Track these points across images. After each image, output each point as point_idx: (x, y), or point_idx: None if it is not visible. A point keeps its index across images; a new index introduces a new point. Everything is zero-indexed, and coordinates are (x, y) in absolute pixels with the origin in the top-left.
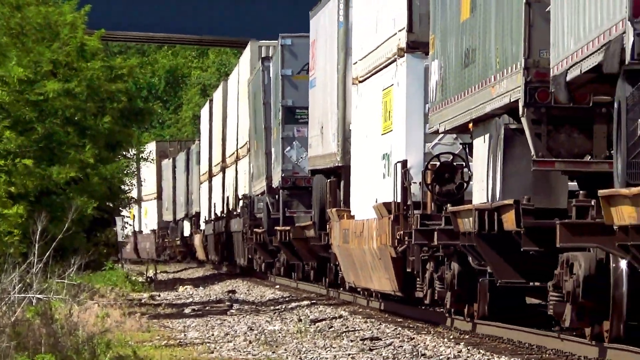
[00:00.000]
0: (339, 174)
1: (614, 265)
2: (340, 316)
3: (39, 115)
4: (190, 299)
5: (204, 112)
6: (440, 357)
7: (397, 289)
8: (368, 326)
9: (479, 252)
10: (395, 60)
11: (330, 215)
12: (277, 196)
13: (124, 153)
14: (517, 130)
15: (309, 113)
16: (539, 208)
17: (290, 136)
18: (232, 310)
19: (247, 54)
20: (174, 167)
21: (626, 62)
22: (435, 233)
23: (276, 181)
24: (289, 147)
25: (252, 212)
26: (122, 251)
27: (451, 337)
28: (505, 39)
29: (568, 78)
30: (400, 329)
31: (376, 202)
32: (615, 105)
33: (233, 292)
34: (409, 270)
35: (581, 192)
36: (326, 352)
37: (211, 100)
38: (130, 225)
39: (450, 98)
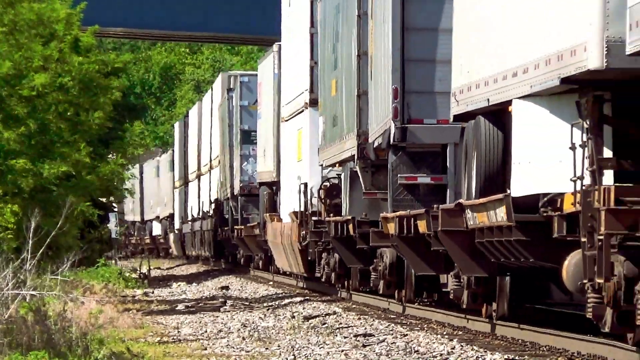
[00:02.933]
0: (274, 187)
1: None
2: (334, 312)
3: (31, 110)
4: (184, 296)
5: (178, 126)
6: (434, 354)
7: (304, 271)
8: (361, 322)
9: (336, 249)
10: (303, 111)
11: (266, 219)
12: (237, 201)
13: (124, 149)
14: (356, 171)
15: (257, 137)
16: (370, 220)
17: (247, 154)
18: (225, 307)
19: (218, 82)
20: (141, 172)
21: (391, 142)
22: (323, 233)
23: (236, 189)
24: (245, 162)
25: (221, 214)
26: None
27: (444, 333)
28: (349, 114)
29: (375, 145)
30: (393, 325)
31: (292, 210)
32: (389, 165)
33: (226, 288)
34: (309, 258)
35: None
36: (319, 348)
37: (186, 117)
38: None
39: (327, 145)
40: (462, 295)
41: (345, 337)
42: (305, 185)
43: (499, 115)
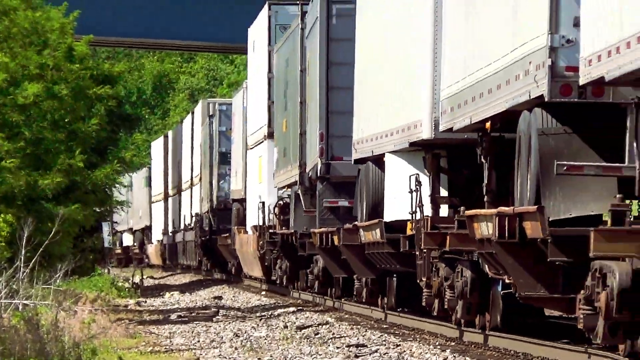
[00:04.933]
0: (244, 203)
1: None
2: (327, 322)
3: (26, 119)
4: (177, 305)
5: (157, 145)
6: None
7: (263, 274)
8: (354, 333)
9: (284, 255)
10: (263, 142)
11: (235, 231)
12: (215, 214)
13: (120, 157)
14: (299, 194)
15: (231, 160)
16: (308, 233)
17: (224, 173)
18: (218, 317)
19: (199, 108)
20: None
21: (318, 174)
22: (277, 243)
23: (214, 204)
24: (222, 181)
25: (201, 226)
26: None
27: (437, 344)
28: (294, 148)
29: (309, 175)
30: (386, 335)
31: (254, 224)
32: (317, 192)
33: (219, 298)
34: (267, 264)
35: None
36: (312, 358)
37: (166, 137)
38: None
39: (280, 171)
40: (362, 292)
41: (337, 348)
42: (263, 203)
43: (380, 162)
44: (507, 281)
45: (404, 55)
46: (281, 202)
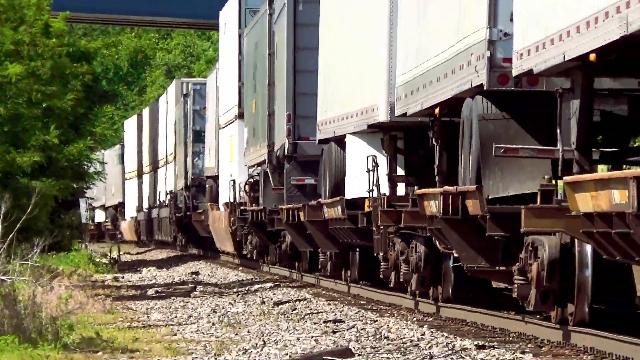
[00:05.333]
0: (217, 181)
1: None
2: (304, 298)
3: (3, 97)
4: (154, 281)
5: (130, 123)
6: (404, 340)
7: (234, 249)
8: (331, 308)
9: (254, 231)
10: (233, 121)
11: (208, 207)
12: (190, 191)
13: (91, 131)
14: (267, 172)
15: (205, 138)
16: (277, 209)
17: (198, 151)
18: (195, 292)
19: (172, 87)
20: None
21: (285, 154)
22: (247, 219)
23: (189, 181)
24: (197, 158)
25: (176, 203)
26: None
27: (414, 319)
28: (263, 128)
29: (277, 154)
30: (363, 311)
31: (226, 201)
32: (284, 170)
33: (196, 273)
34: (238, 239)
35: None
36: (289, 334)
37: (139, 115)
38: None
39: (250, 150)
40: (327, 265)
41: (315, 323)
42: (234, 181)
43: (342, 142)
44: (455, 255)
45: (363, 42)
46: (251, 179)
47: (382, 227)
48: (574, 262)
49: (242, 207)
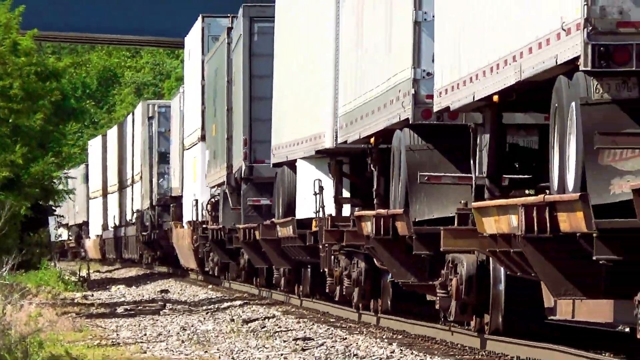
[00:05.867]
0: (181, 200)
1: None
2: (273, 316)
3: None
4: (123, 299)
5: (95, 143)
6: (373, 358)
7: (197, 266)
8: (300, 326)
9: (215, 248)
10: (197, 144)
11: (172, 226)
12: (155, 210)
13: (58, 150)
14: (226, 193)
15: (170, 159)
16: (236, 228)
17: (163, 172)
18: (164, 310)
19: (139, 109)
20: None
21: (242, 176)
22: (209, 237)
23: (155, 201)
24: (162, 179)
25: (142, 222)
26: None
27: (384, 337)
28: (223, 151)
29: (235, 176)
30: (332, 329)
31: (189, 219)
32: (242, 191)
33: (166, 291)
34: (200, 256)
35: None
36: (259, 352)
37: (104, 136)
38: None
39: (211, 171)
40: (281, 281)
41: (284, 341)
42: (197, 200)
43: (294, 166)
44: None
45: (311, 74)
46: (213, 199)
47: (326, 245)
48: (489, 278)
49: (203, 226)
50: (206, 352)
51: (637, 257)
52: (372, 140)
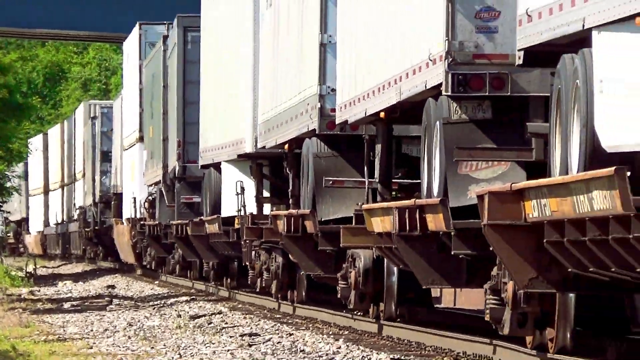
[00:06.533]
0: (121, 198)
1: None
2: (220, 312)
3: None
4: (70, 295)
5: (36, 141)
6: (320, 353)
7: (135, 260)
8: (247, 322)
9: (152, 244)
10: (135, 144)
11: (113, 222)
12: (97, 207)
13: (7, 147)
14: (163, 191)
15: (112, 158)
16: (171, 224)
17: (105, 170)
18: (111, 306)
19: (81, 109)
20: None
21: (176, 175)
22: (146, 232)
23: (97, 198)
24: (104, 177)
25: (85, 218)
26: None
27: (330, 333)
28: (159, 152)
29: (170, 176)
30: (279, 325)
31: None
32: (175, 190)
33: (112, 287)
34: (138, 251)
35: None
36: (205, 347)
37: (45, 134)
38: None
39: (148, 170)
40: (210, 274)
41: (231, 337)
42: (135, 198)
43: (220, 168)
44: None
45: (234, 83)
46: (150, 197)
47: (247, 241)
48: (384, 270)
49: (141, 222)
50: (153, 347)
51: (485, 252)
52: (286, 146)
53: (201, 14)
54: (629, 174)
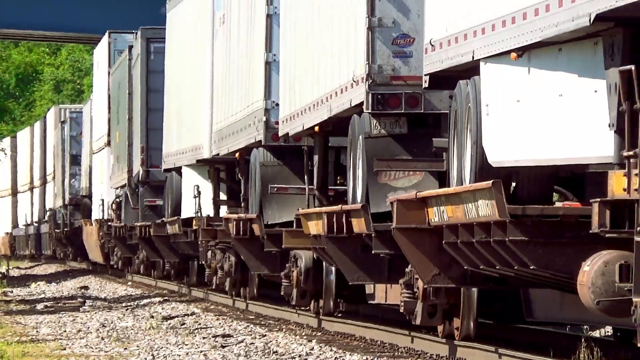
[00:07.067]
0: (91, 200)
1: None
2: (193, 313)
3: None
4: (43, 295)
5: (4, 145)
6: (292, 354)
7: (103, 260)
8: (220, 323)
9: (118, 244)
10: (104, 148)
11: (82, 223)
12: (67, 209)
13: None
14: (128, 194)
15: (81, 161)
16: (133, 226)
17: (75, 173)
18: (84, 307)
19: (51, 113)
20: None
21: (140, 179)
22: (113, 233)
23: (67, 200)
24: (73, 179)
25: (55, 219)
26: None
27: (303, 334)
28: (125, 156)
29: (135, 180)
30: (252, 326)
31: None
32: (139, 193)
33: (85, 288)
34: (106, 251)
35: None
36: (178, 348)
37: (14, 137)
38: None
39: (115, 174)
40: (172, 272)
41: (204, 338)
42: (103, 200)
43: (181, 172)
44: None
45: (194, 93)
46: (117, 199)
47: (203, 241)
48: (323, 270)
49: (108, 224)
50: (126, 348)
51: (399, 252)
52: (237, 154)
53: (166, 26)
54: (513, 185)
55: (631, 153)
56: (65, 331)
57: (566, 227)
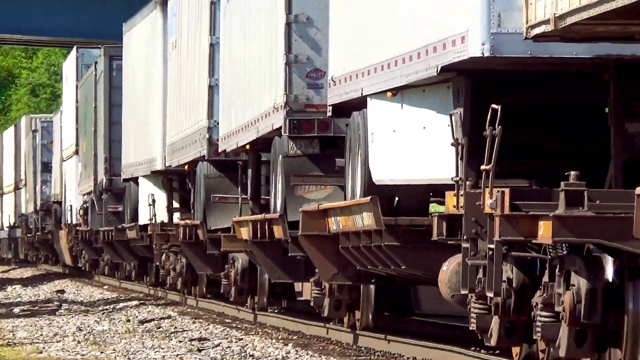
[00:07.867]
0: (61, 206)
1: None
2: (169, 316)
3: None
4: (19, 299)
5: None
6: (269, 358)
7: (71, 262)
8: (196, 327)
9: (85, 248)
10: (72, 157)
11: (54, 228)
12: (39, 215)
13: None
14: (94, 200)
15: (52, 169)
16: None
17: (46, 179)
18: (61, 310)
19: (22, 122)
20: None
21: (103, 187)
22: (80, 237)
23: (38, 206)
24: (44, 186)
25: (27, 225)
26: None
27: (280, 337)
28: (90, 165)
29: (100, 187)
30: (228, 329)
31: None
32: (103, 200)
33: (62, 292)
34: (74, 254)
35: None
36: (154, 352)
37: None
38: None
39: (83, 181)
40: (132, 273)
41: (180, 341)
42: (72, 206)
43: (138, 182)
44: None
45: (147, 110)
46: (84, 205)
47: (157, 245)
48: (257, 270)
49: (77, 228)
50: (102, 352)
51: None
52: (186, 167)
53: (123, 45)
54: (396, 199)
55: (457, 179)
56: (41, 335)
57: (430, 235)
